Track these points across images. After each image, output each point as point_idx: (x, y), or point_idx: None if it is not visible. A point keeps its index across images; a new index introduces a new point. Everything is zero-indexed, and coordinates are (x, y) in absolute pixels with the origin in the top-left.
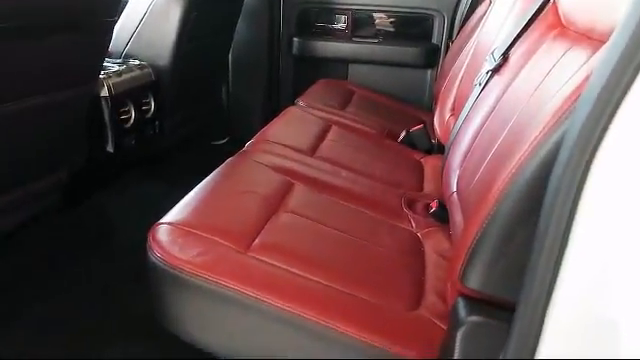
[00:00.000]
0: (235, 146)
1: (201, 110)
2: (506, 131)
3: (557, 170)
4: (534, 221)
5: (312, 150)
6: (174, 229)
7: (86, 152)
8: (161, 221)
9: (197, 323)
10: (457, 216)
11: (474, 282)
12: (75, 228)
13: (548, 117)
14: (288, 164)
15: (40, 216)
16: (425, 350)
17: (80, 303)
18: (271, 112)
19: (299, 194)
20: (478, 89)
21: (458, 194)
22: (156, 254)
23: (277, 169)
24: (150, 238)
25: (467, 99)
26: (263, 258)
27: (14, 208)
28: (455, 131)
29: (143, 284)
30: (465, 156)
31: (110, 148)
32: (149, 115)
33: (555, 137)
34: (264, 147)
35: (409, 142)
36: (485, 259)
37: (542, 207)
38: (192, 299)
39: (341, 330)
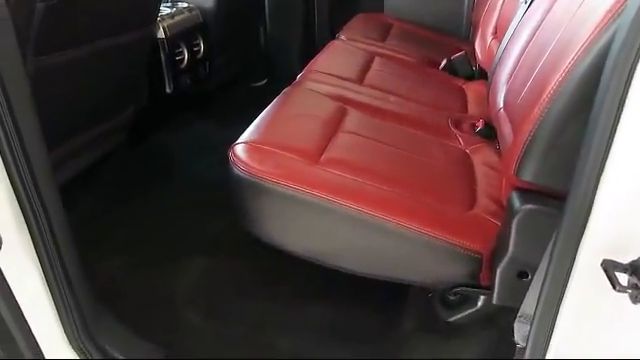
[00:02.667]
0: (275, 87)
1: (242, 52)
2: (555, 41)
3: (609, 64)
4: (586, 116)
5: (360, 79)
6: (250, 147)
7: (148, 92)
8: (238, 141)
9: (278, 225)
10: (506, 129)
11: (528, 174)
12: (141, 163)
13: (599, 18)
14: (340, 92)
15: (110, 154)
16: (483, 241)
17: (158, 226)
18: (309, 51)
19: (354, 118)
20: (524, 7)
21: (506, 109)
22: (240, 168)
23: (330, 96)
24: (232, 156)
25: (511, 20)
26: (332, 170)
27: (88, 147)
28: (500, 51)
29: (212, 206)
30: (512, 72)
31: (168, 88)
32: (200, 56)
33: (607, 35)
34: (315, 77)
35: (450, 69)
36: (538, 152)
37: (594, 101)
38: (274, 205)
39: (408, 226)
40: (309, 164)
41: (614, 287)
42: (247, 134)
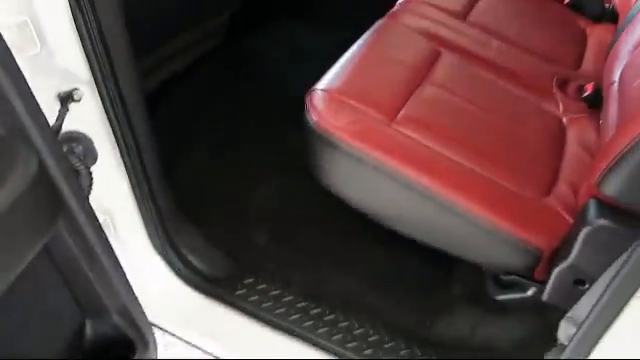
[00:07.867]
0: None
1: None
2: None
3: None
4: None
5: (465, 13)
6: (328, 96)
7: None
8: (316, 87)
9: (344, 181)
10: (612, 108)
11: (611, 190)
12: (235, 69)
13: None
14: (437, 29)
15: (205, 57)
16: (548, 238)
17: (238, 138)
18: None
19: (445, 65)
20: None
21: (620, 86)
22: (313, 118)
23: (426, 34)
24: (308, 103)
25: None
26: (407, 132)
27: (185, 49)
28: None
29: (295, 128)
30: None
31: None
32: None
33: None
34: (414, 8)
35: (576, 4)
36: (629, 171)
37: None
38: (341, 161)
39: (474, 212)
40: (384, 122)
41: None
42: (329, 80)
